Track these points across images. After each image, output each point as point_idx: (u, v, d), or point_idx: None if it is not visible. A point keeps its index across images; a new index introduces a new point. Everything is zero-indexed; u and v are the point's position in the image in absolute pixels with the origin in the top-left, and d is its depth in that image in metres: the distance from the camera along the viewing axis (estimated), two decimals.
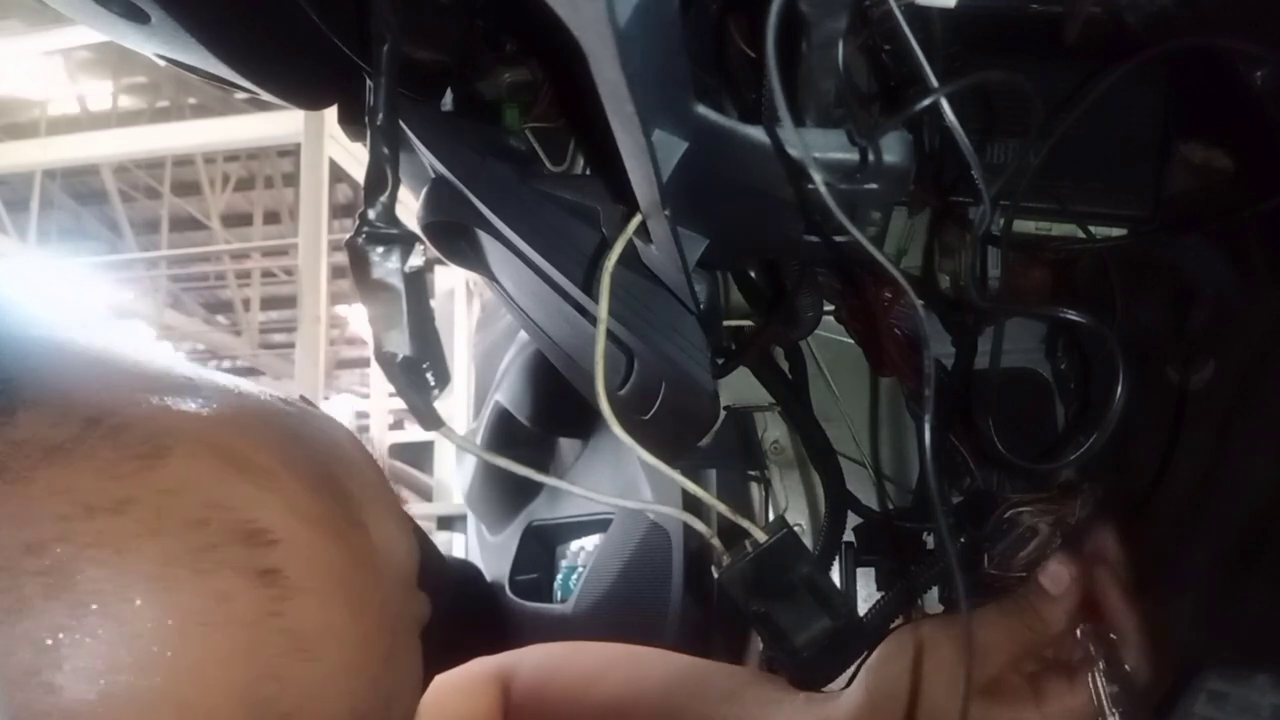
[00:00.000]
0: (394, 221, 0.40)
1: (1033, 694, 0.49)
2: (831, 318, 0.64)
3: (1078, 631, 0.50)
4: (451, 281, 3.75)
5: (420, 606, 0.36)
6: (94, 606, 0.26)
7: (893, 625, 0.57)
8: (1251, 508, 0.50)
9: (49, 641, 0.25)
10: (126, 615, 0.26)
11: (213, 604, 0.27)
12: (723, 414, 0.65)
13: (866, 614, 0.57)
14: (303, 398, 0.37)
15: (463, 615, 1.23)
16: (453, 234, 0.57)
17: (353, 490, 0.33)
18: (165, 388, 0.30)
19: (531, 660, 0.69)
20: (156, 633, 0.26)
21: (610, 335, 0.48)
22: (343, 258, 0.70)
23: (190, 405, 0.30)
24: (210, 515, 0.28)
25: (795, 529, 0.46)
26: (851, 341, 0.65)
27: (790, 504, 0.79)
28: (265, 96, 0.57)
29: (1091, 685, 0.48)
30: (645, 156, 0.34)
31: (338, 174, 4.52)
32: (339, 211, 5.53)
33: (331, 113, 0.61)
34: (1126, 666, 0.48)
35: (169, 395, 0.30)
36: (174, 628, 0.26)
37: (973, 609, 0.50)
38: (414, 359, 0.41)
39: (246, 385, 0.34)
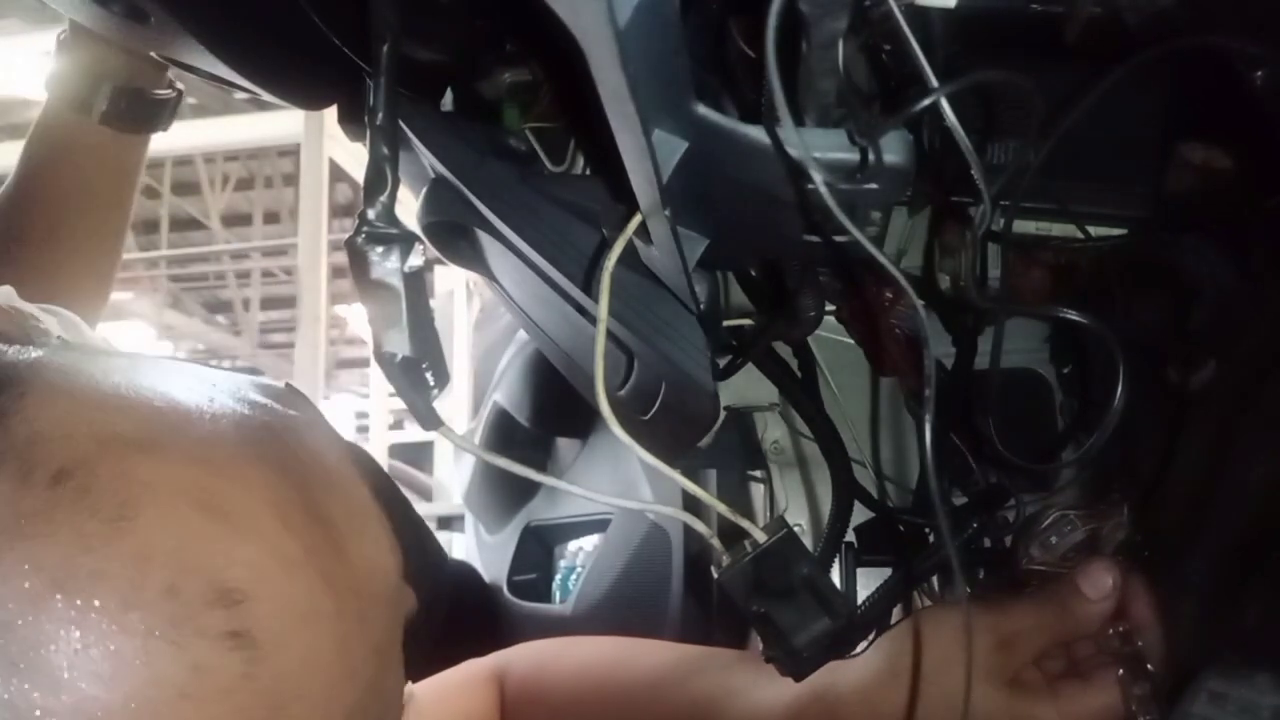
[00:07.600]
0: (394, 221, 0.40)
1: (1051, 692, 0.50)
2: (832, 318, 0.64)
3: (1109, 632, 0.51)
4: (451, 281, 3.75)
5: (406, 603, 0.35)
6: (68, 684, 0.24)
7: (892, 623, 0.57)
8: (1252, 508, 0.50)
9: None
10: (104, 694, 0.25)
11: (191, 675, 0.26)
12: (723, 414, 0.65)
13: (862, 604, 0.58)
14: (289, 386, 0.35)
15: (460, 616, 1.23)
16: (453, 234, 0.57)
17: (334, 513, 0.32)
18: (137, 424, 0.28)
19: (525, 656, 0.69)
20: (138, 711, 0.25)
21: (610, 335, 0.48)
22: (343, 258, 0.70)
23: (164, 442, 0.28)
24: (181, 581, 0.26)
25: (795, 529, 0.46)
26: (851, 341, 0.65)
27: (790, 504, 0.79)
28: (265, 96, 0.57)
29: (1120, 688, 0.49)
30: (645, 156, 0.34)
31: (338, 174, 4.52)
32: (339, 211, 5.52)
33: (331, 113, 0.61)
34: (1151, 668, 0.50)
35: (141, 433, 0.28)
36: (156, 703, 0.25)
37: (972, 607, 0.51)
38: (414, 359, 0.41)
39: (225, 398, 0.31)
